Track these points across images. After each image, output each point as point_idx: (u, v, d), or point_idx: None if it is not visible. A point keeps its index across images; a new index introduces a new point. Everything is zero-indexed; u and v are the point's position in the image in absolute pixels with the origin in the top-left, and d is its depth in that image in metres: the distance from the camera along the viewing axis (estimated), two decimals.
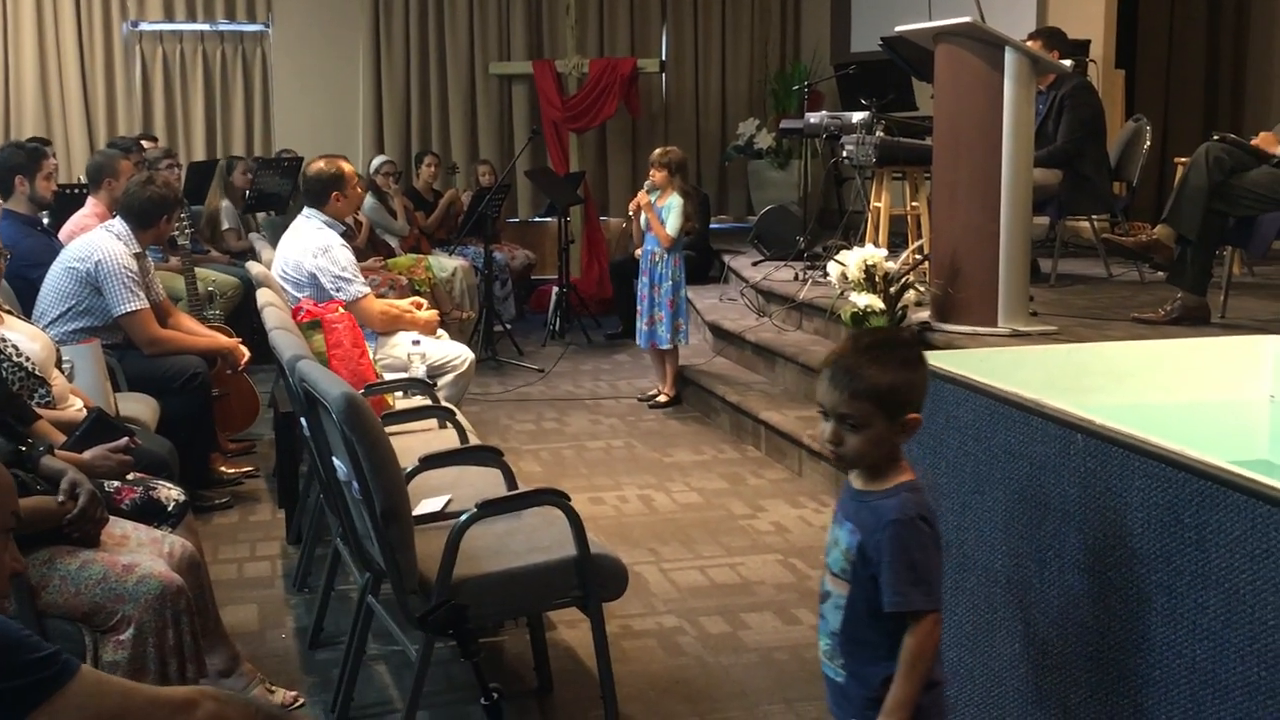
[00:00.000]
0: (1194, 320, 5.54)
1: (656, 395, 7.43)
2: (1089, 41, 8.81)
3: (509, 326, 9.17)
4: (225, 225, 8.91)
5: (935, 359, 2.81)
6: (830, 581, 2.28)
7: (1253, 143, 5.56)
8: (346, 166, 5.69)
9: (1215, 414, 3.02)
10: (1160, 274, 6.37)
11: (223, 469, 5.81)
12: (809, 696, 3.65)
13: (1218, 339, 3.21)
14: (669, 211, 7.00)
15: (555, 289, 9.69)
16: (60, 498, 2.97)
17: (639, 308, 7.27)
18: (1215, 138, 5.58)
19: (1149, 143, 7.34)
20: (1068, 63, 6.51)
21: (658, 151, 7.15)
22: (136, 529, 3.29)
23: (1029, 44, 6.03)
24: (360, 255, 7.48)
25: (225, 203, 8.98)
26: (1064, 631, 2.28)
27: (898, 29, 6.16)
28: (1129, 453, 2.07)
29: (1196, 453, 1.94)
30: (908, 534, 2.14)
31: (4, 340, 3.87)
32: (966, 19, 5.54)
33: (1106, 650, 2.16)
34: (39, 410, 3.72)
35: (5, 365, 3.82)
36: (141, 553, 3.12)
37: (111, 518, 3.21)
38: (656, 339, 7.18)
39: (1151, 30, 10.50)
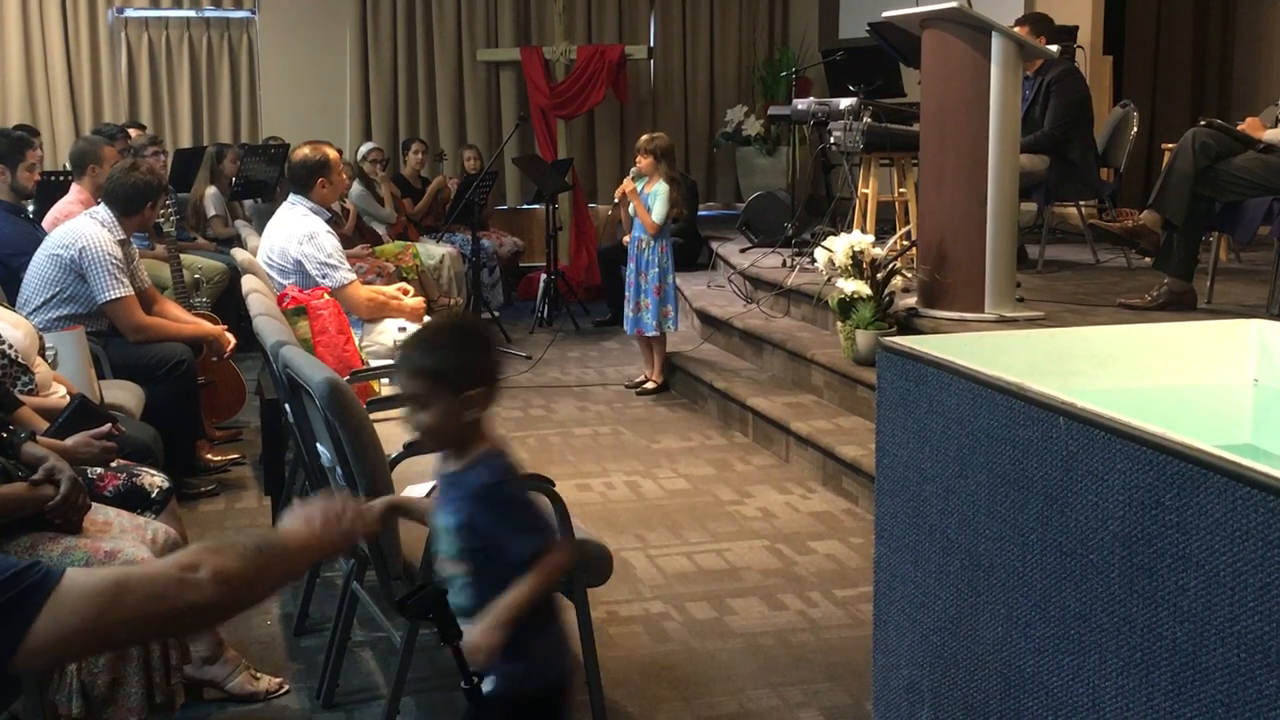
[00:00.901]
0: (1180, 305, 5.55)
1: (644, 382, 7.43)
2: (1076, 28, 8.80)
3: (497, 314, 9.15)
4: (211, 212, 8.88)
5: (919, 343, 2.81)
6: (450, 566, 2.41)
7: (1239, 128, 5.57)
8: (331, 152, 5.66)
9: (1199, 398, 3.01)
10: (1147, 259, 6.38)
11: (209, 456, 5.80)
12: (795, 681, 3.66)
13: (1201, 323, 3.21)
14: (655, 198, 6.99)
15: (543, 276, 9.67)
16: (37, 476, 2.96)
17: (626, 294, 7.27)
18: (1202, 123, 5.58)
19: (1136, 128, 7.34)
20: (1054, 48, 6.50)
21: (644, 138, 7.14)
22: (119, 515, 3.28)
23: (1016, 29, 6.02)
24: (348, 242, 7.47)
25: (211, 190, 8.94)
26: (1046, 615, 2.27)
27: (885, 14, 6.16)
28: (1111, 436, 2.06)
29: (1178, 435, 1.93)
30: (499, 495, 2.37)
31: None
32: (953, 4, 5.53)
33: (1089, 633, 2.16)
34: (22, 397, 3.71)
35: None
36: (124, 539, 3.11)
37: (94, 504, 3.20)
38: (642, 325, 7.18)
39: (1139, 16, 10.50)
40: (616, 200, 7.27)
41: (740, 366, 7.19)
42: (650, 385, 7.38)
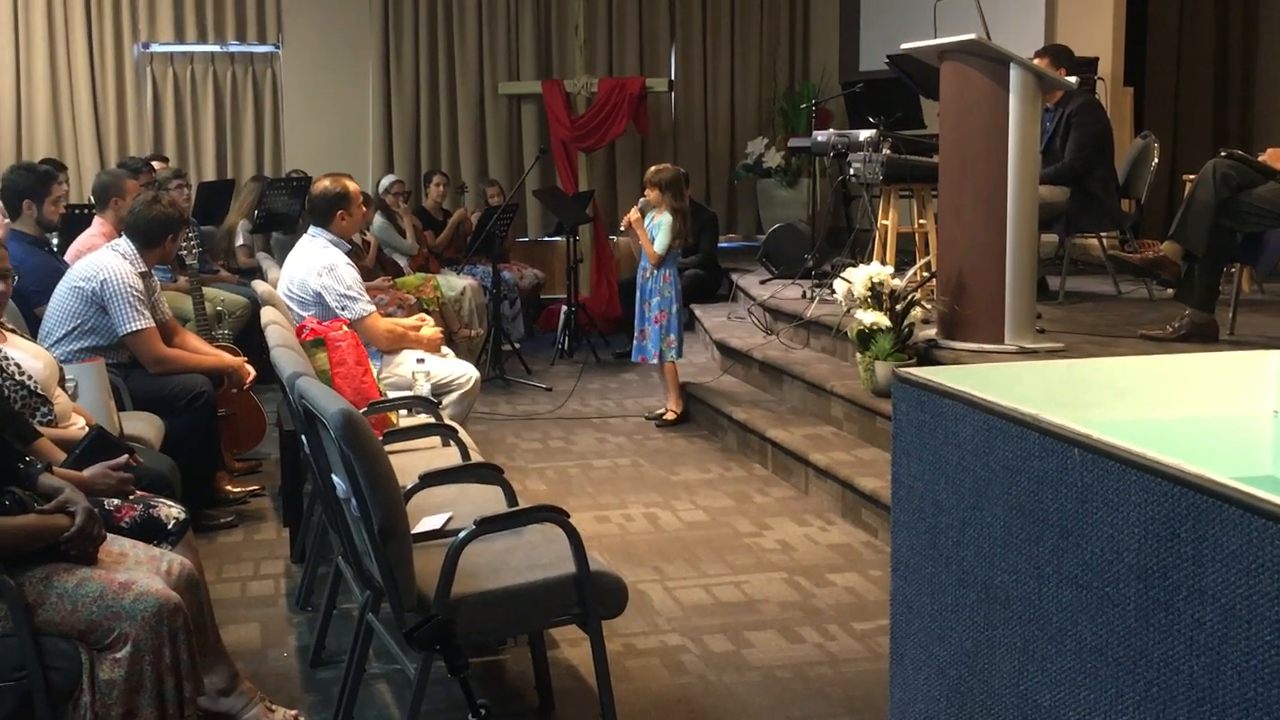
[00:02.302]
0: (1202, 337, 5.51)
1: (664, 414, 7.42)
2: (1097, 59, 8.80)
3: (518, 346, 9.16)
4: (239, 241, 8.94)
5: (934, 374, 2.79)
6: None
7: (1260, 159, 5.54)
8: (351, 185, 5.70)
9: (1218, 429, 2.99)
10: (1169, 291, 6.34)
11: (228, 488, 5.81)
12: (812, 715, 3.63)
13: (1221, 354, 3.18)
14: (658, 229, 7.04)
15: (564, 308, 9.69)
16: (48, 507, 2.98)
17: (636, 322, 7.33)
18: (1222, 154, 5.56)
19: (1157, 160, 7.31)
20: (1073, 79, 6.49)
21: (651, 170, 7.21)
22: (135, 546, 3.28)
23: (1035, 61, 6.02)
24: (369, 275, 7.50)
25: (244, 221, 9.01)
26: (1062, 648, 2.25)
27: (904, 46, 6.16)
28: (1125, 467, 2.04)
29: (1192, 467, 1.91)
30: None
31: (6, 358, 3.87)
32: (971, 36, 5.53)
33: (1105, 667, 2.13)
34: (41, 428, 3.72)
35: (7, 383, 3.82)
36: (139, 570, 3.11)
37: (110, 535, 3.20)
38: (644, 353, 7.21)
39: (1160, 48, 10.49)
40: (623, 229, 7.33)
41: (760, 398, 7.17)
42: (669, 416, 7.37)
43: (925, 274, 6.28)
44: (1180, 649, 1.93)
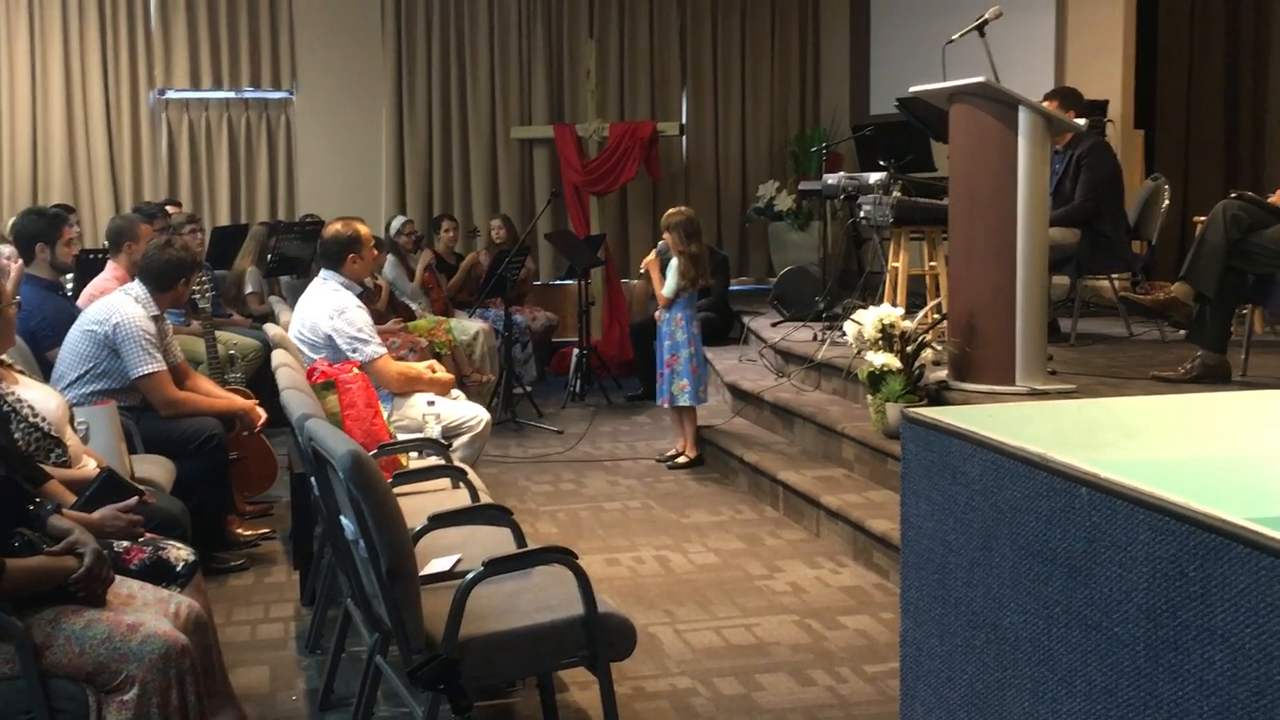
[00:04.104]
0: (1215, 378, 5.49)
1: (676, 456, 7.41)
2: (1107, 101, 8.83)
3: (529, 388, 9.17)
4: (249, 289, 8.97)
5: (942, 414, 2.78)
6: None
7: (1271, 200, 5.54)
8: (363, 229, 5.73)
9: (1230, 470, 2.97)
10: (1181, 332, 6.33)
11: (239, 531, 5.81)
12: None
13: (1231, 394, 3.18)
14: (670, 272, 7.06)
15: (576, 351, 9.70)
16: (57, 549, 2.98)
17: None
18: (1233, 195, 5.55)
19: (1168, 201, 7.31)
20: (1082, 121, 6.50)
21: (665, 215, 7.22)
22: (143, 588, 3.28)
23: (1045, 104, 6.04)
24: (380, 318, 7.52)
25: (252, 269, 9.05)
26: (1072, 689, 2.23)
27: (913, 89, 6.19)
28: (1133, 506, 2.04)
29: (1199, 505, 1.91)
30: None
31: (20, 400, 3.88)
32: (980, 79, 5.55)
33: (1115, 708, 2.12)
34: (51, 470, 3.73)
35: (21, 426, 3.83)
36: (147, 612, 3.11)
37: (119, 577, 3.20)
38: (662, 396, 7.22)
39: (1170, 91, 10.53)
40: (642, 272, 7.35)
41: (771, 440, 7.16)
42: (682, 459, 7.35)
43: (936, 316, 6.27)
44: (1190, 689, 1.91)
